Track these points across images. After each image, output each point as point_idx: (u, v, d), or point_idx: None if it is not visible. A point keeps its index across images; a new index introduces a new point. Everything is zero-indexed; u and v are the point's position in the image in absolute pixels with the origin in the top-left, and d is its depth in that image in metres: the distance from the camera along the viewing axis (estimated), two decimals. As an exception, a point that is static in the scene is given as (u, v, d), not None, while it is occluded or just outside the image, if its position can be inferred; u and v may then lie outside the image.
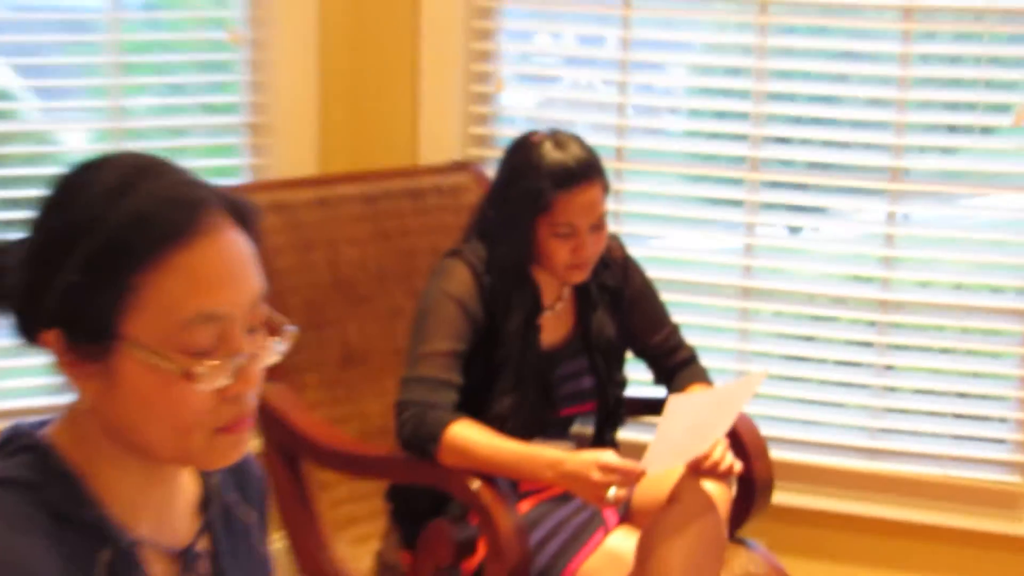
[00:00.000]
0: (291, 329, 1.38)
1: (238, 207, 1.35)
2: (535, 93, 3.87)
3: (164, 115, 3.62)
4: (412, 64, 3.60)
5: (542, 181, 2.67)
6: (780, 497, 3.06)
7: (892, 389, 3.48)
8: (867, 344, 3.48)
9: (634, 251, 3.00)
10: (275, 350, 1.36)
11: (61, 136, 3.75)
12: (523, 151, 2.73)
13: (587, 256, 2.73)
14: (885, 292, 3.45)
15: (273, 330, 1.37)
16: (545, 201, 2.67)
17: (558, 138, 2.72)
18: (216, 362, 1.30)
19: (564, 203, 2.67)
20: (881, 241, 3.46)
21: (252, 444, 2.83)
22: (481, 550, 2.61)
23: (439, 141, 3.59)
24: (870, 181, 3.44)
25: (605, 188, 2.74)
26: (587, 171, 2.69)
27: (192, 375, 1.28)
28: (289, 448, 2.87)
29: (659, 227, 3.72)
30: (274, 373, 3.01)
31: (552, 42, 3.90)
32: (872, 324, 3.47)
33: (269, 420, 2.87)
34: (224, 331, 1.31)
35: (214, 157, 3.67)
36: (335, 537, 2.94)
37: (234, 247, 1.32)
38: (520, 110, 3.82)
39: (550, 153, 2.69)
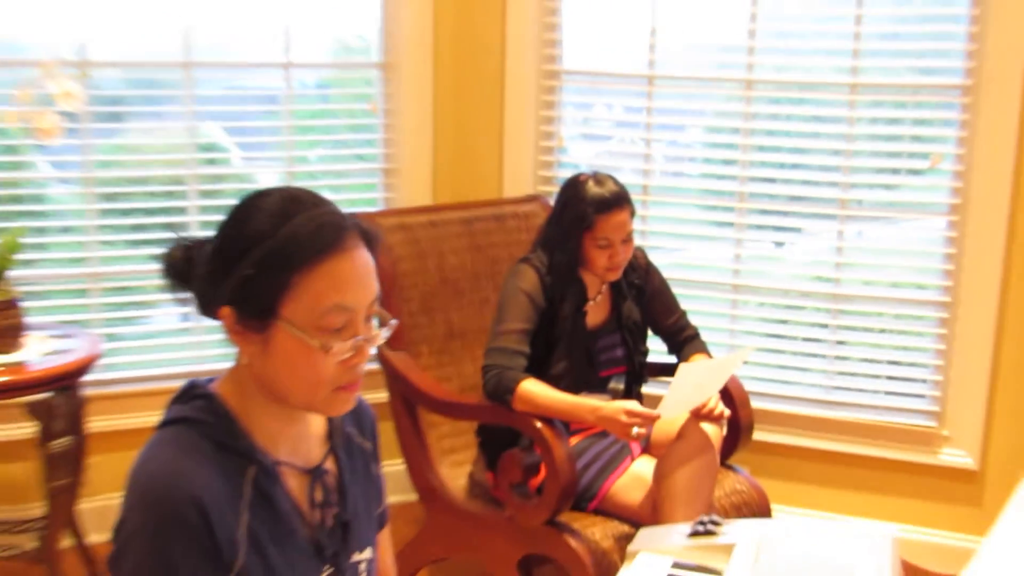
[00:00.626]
0: (394, 322, 1.37)
1: (366, 232, 1.34)
2: (593, 147, 3.79)
3: (328, 162, 3.60)
4: (499, 126, 3.56)
5: (586, 207, 2.62)
6: (759, 435, 3.02)
7: (843, 358, 3.37)
8: (824, 326, 3.37)
9: (655, 258, 2.93)
10: (383, 335, 1.35)
11: (257, 177, 3.74)
12: (573, 187, 2.68)
13: (619, 262, 2.67)
14: (838, 288, 3.34)
15: (382, 322, 1.36)
16: (589, 222, 2.62)
17: (598, 177, 2.67)
18: (344, 341, 1.29)
19: (602, 223, 2.62)
20: (834, 251, 3.35)
21: (380, 395, 2.79)
22: (543, 471, 2.56)
23: (517, 181, 3.56)
24: (826, 209, 3.32)
25: (632, 212, 2.68)
26: (619, 200, 2.63)
27: (328, 349, 1.27)
28: (408, 398, 2.82)
29: (674, 241, 3.61)
30: (398, 344, 2.96)
31: (605, 110, 3.81)
32: (828, 311, 3.36)
33: (394, 378, 2.84)
34: (351, 319, 1.29)
35: (360, 192, 3.66)
36: (440, 462, 2.89)
37: (363, 261, 1.31)
38: (581, 159, 3.74)
39: (592, 188, 2.63)
